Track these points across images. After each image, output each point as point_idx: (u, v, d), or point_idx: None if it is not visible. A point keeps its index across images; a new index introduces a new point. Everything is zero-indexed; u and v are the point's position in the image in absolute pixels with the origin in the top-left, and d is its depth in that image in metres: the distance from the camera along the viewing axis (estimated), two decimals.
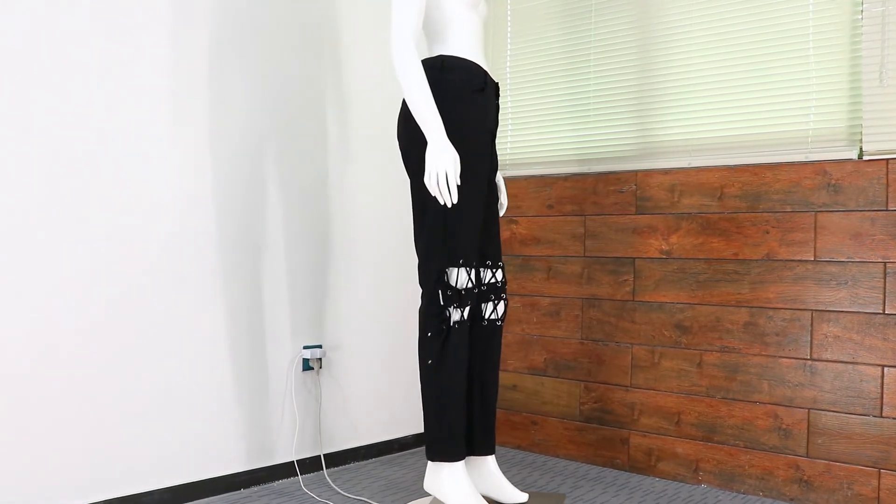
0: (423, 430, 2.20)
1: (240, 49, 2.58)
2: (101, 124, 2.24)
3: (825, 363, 2.47)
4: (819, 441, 2.48)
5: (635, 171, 2.89)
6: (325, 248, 2.87)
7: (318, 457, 2.82)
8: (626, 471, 2.89)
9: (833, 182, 2.47)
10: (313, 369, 2.80)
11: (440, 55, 2.17)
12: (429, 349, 2.15)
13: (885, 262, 2.38)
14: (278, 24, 2.70)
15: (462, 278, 2.13)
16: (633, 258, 2.89)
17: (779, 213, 2.57)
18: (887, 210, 2.37)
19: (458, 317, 2.13)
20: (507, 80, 3.28)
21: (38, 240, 2.11)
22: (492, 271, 2.34)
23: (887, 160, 2.38)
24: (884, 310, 2.38)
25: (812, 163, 2.51)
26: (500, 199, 2.46)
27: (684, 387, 2.75)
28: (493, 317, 2.32)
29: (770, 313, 2.58)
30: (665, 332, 2.80)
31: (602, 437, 2.96)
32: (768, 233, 2.59)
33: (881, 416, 2.37)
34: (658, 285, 2.82)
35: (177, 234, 2.42)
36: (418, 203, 2.20)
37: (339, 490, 2.59)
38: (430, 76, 2.13)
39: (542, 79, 3.16)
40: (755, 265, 2.61)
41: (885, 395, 2.37)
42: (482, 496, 2.23)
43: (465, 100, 2.15)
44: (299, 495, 2.53)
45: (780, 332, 2.56)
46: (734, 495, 2.61)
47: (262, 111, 2.65)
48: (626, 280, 2.91)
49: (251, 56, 2.61)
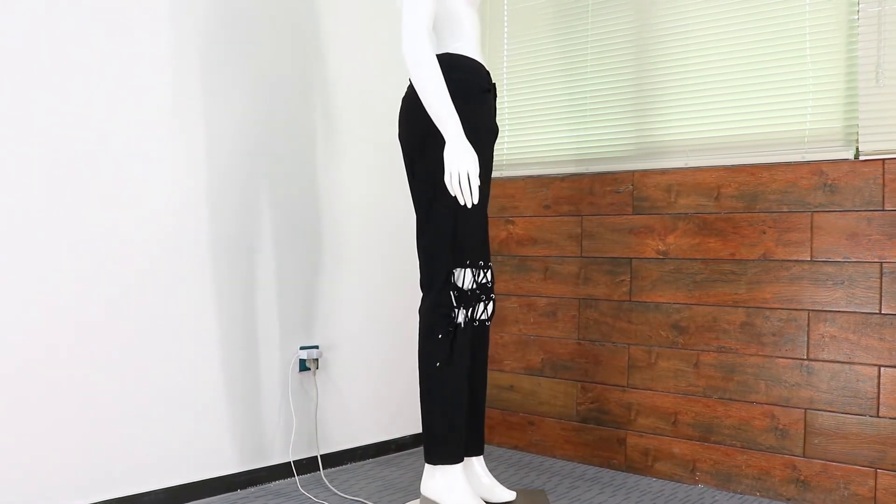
0: (422, 431, 2.18)
1: (234, 50, 2.58)
2: (97, 125, 2.23)
3: (822, 363, 2.48)
4: (816, 441, 2.48)
5: (632, 172, 2.89)
6: (322, 248, 2.87)
7: (315, 457, 2.82)
8: (622, 471, 2.89)
9: (829, 182, 2.47)
10: (310, 370, 2.80)
11: (447, 52, 2.11)
12: (438, 351, 2.12)
13: (881, 262, 2.38)
14: (272, 24, 2.70)
15: (468, 279, 2.13)
16: (630, 258, 2.89)
17: (775, 214, 2.57)
18: (883, 210, 2.38)
19: (462, 317, 2.13)
20: (504, 81, 3.28)
21: (34, 240, 2.10)
22: (483, 271, 2.34)
23: (884, 160, 2.38)
24: (880, 310, 2.38)
25: (808, 163, 2.51)
26: None
27: (681, 387, 2.75)
28: (483, 317, 2.32)
29: (767, 313, 2.58)
30: (662, 333, 2.80)
31: (599, 437, 2.96)
32: (765, 233, 2.59)
33: (878, 416, 2.38)
34: (655, 285, 2.82)
35: (173, 234, 2.41)
36: (424, 202, 2.14)
37: (335, 491, 2.58)
38: None
39: (538, 79, 3.16)
40: (752, 265, 2.61)
41: (881, 395, 2.37)
42: None
43: (474, 100, 2.11)
44: (296, 496, 2.53)
45: (776, 333, 2.56)
46: (731, 495, 2.61)
47: (256, 112, 2.65)
48: (622, 280, 2.91)
49: (245, 57, 2.61)
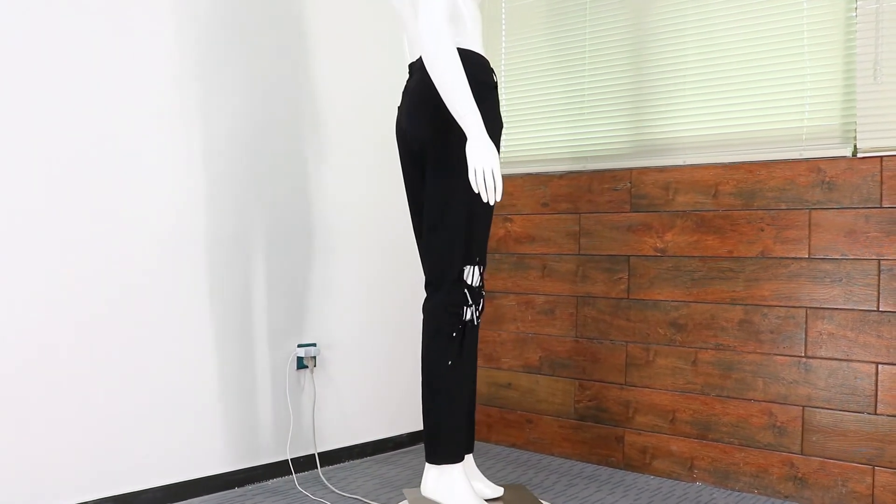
0: (425, 431, 2.13)
1: (232, 51, 2.57)
2: (94, 125, 2.23)
3: (819, 360, 2.47)
4: (813, 438, 2.48)
5: (630, 169, 2.89)
6: (320, 246, 2.86)
7: (313, 455, 2.82)
8: (620, 469, 2.89)
9: (827, 179, 2.47)
10: (308, 367, 2.80)
11: (458, 48, 2.06)
12: (449, 349, 2.10)
13: (879, 260, 2.38)
14: (270, 26, 2.69)
15: (476, 276, 2.12)
16: (628, 256, 2.88)
17: (773, 211, 2.57)
18: (881, 207, 2.37)
19: (469, 315, 2.12)
20: (502, 78, 3.27)
21: (32, 240, 2.10)
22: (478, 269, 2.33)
23: (881, 157, 2.38)
24: (878, 307, 2.38)
25: (806, 160, 2.51)
26: None
27: (679, 385, 2.75)
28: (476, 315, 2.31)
29: (765, 311, 2.58)
30: (660, 330, 2.80)
31: (597, 435, 2.96)
32: (763, 230, 2.59)
33: (875, 414, 2.37)
34: (653, 283, 2.82)
35: (171, 233, 2.41)
36: (440, 199, 2.09)
37: (333, 489, 2.58)
38: None
39: (536, 77, 3.16)
40: (750, 263, 2.61)
41: (879, 393, 2.37)
42: None
43: (485, 97, 2.08)
44: (293, 494, 2.52)
45: (774, 330, 2.56)
46: (729, 493, 2.61)
47: (254, 112, 2.64)
48: (620, 278, 2.90)
49: (243, 57, 2.61)
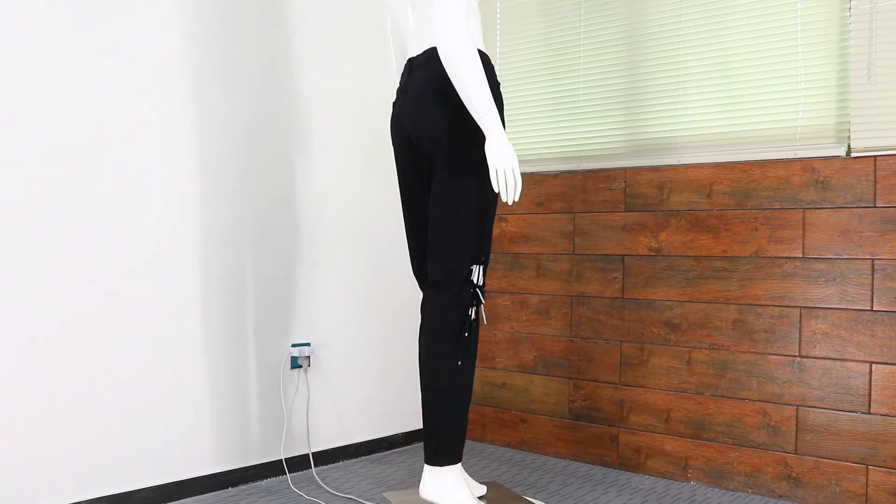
0: (428, 433, 2.09)
1: (227, 51, 2.56)
2: (85, 125, 2.22)
3: (814, 360, 2.48)
4: (807, 438, 2.48)
5: (624, 169, 2.89)
6: (315, 245, 2.86)
7: (307, 455, 2.81)
8: (615, 468, 2.89)
9: (821, 179, 2.47)
10: (301, 367, 2.79)
11: None
12: (458, 349, 2.07)
13: (872, 259, 2.38)
14: (263, 26, 2.69)
15: (481, 276, 2.11)
16: (623, 255, 2.88)
17: (767, 211, 2.57)
18: (875, 207, 2.38)
19: (474, 314, 2.11)
20: (497, 78, 3.26)
21: (21, 238, 2.09)
22: None
23: (875, 157, 2.38)
24: (872, 306, 2.38)
25: (800, 160, 2.51)
26: None
27: (673, 384, 2.75)
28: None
29: (759, 310, 2.58)
30: (654, 330, 2.80)
31: (591, 434, 2.95)
32: (757, 230, 2.59)
33: (869, 413, 2.38)
34: (647, 283, 2.82)
35: (164, 232, 2.40)
36: (451, 197, 2.06)
37: (327, 488, 2.57)
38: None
39: (531, 76, 3.16)
40: (744, 262, 2.61)
41: (872, 392, 2.37)
42: None
43: (493, 95, 2.08)
44: (287, 493, 2.52)
45: (768, 329, 2.56)
46: (723, 492, 2.61)
47: (248, 111, 2.64)
48: (615, 277, 2.90)
49: (238, 58, 2.60)
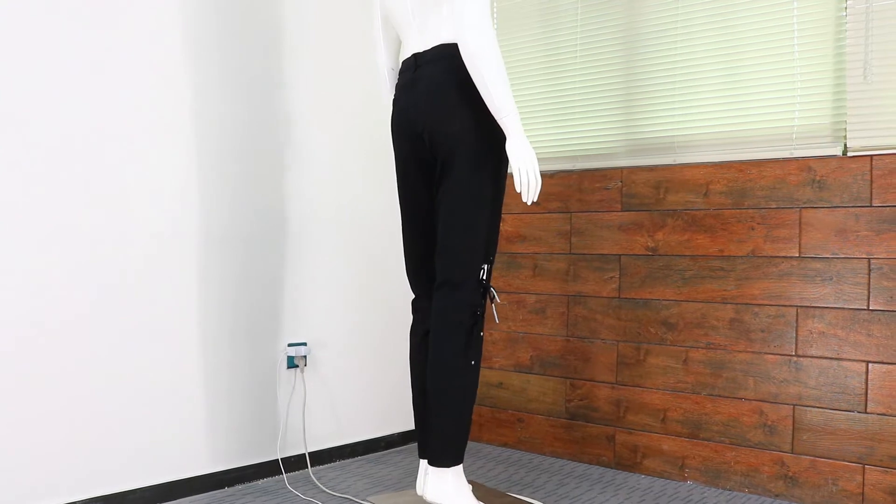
0: (437, 435, 2.05)
1: (224, 50, 2.56)
2: (83, 124, 2.21)
3: (810, 359, 2.48)
4: (804, 437, 2.48)
5: (621, 168, 2.89)
6: (311, 244, 2.85)
7: (303, 455, 2.81)
8: (612, 468, 2.89)
9: (818, 178, 2.47)
10: (298, 367, 2.79)
11: None
12: (472, 347, 2.04)
13: (869, 259, 2.38)
14: (260, 26, 2.68)
15: (488, 274, 2.10)
16: (619, 255, 2.88)
17: (764, 210, 2.57)
18: (871, 206, 2.38)
19: (481, 312, 2.10)
20: None
21: (17, 236, 2.08)
22: None
23: (871, 156, 2.38)
24: (868, 306, 2.38)
25: (797, 159, 2.52)
26: None
27: (670, 384, 2.75)
28: None
29: (755, 310, 2.58)
30: (651, 329, 2.80)
31: (588, 434, 2.95)
32: (753, 229, 2.59)
33: (866, 412, 2.38)
34: (644, 282, 2.82)
35: (160, 231, 2.40)
36: (468, 195, 2.02)
37: (324, 488, 2.57)
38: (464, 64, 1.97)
39: (527, 76, 3.16)
40: (740, 262, 2.61)
41: (869, 391, 2.37)
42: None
43: None
44: (284, 493, 2.51)
45: (765, 329, 2.56)
46: (720, 492, 2.61)
47: (244, 110, 2.63)
48: (611, 277, 2.90)
49: (235, 57, 2.59)
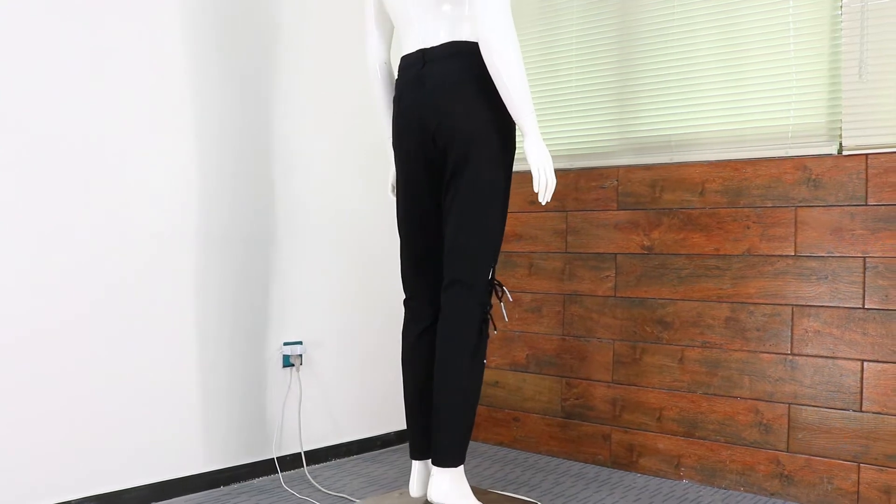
0: (445, 434, 1.98)
1: (223, 50, 2.56)
2: (81, 124, 2.21)
3: (805, 358, 2.48)
4: (799, 436, 2.49)
5: (617, 167, 2.89)
6: (307, 244, 2.85)
7: (299, 454, 2.80)
8: (607, 467, 2.89)
9: (813, 177, 2.48)
10: (294, 366, 2.78)
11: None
12: (482, 347, 2.02)
13: (864, 257, 2.38)
14: (260, 25, 2.68)
15: (494, 272, 2.10)
16: (615, 254, 2.88)
17: (759, 209, 2.57)
18: (866, 205, 2.38)
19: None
20: None
21: (22, 237, 2.08)
22: None
23: (866, 155, 2.38)
24: (863, 304, 2.38)
25: (792, 158, 2.52)
26: None
27: (666, 382, 2.75)
28: None
29: (751, 308, 2.58)
30: (646, 328, 2.80)
31: (584, 433, 2.95)
32: (749, 228, 2.59)
33: (861, 411, 2.38)
34: (639, 281, 2.82)
35: (157, 231, 2.39)
36: (483, 194, 1.96)
37: (319, 487, 2.57)
38: (480, 62, 1.92)
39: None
40: (736, 260, 2.62)
41: (864, 390, 2.38)
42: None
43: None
44: (279, 492, 2.51)
45: (760, 328, 2.56)
46: (715, 490, 2.61)
47: (244, 110, 2.63)
48: (607, 276, 2.90)
49: (234, 57, 2.59)
